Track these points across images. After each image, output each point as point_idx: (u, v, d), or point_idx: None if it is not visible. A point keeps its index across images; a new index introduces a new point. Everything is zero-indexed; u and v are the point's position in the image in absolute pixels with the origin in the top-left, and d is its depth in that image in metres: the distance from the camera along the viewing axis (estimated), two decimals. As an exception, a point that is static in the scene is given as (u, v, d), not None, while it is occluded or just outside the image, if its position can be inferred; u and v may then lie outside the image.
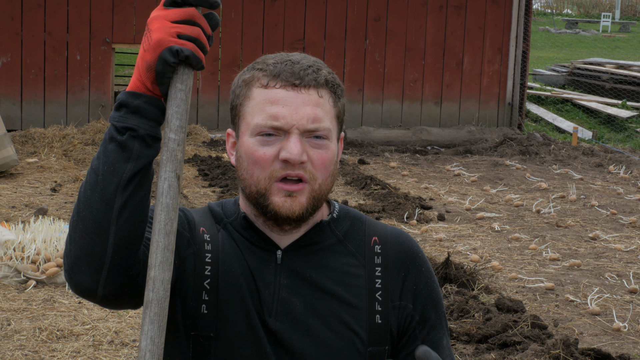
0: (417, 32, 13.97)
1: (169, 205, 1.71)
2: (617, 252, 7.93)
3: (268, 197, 1.84)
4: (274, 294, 1.88)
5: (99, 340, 5.45)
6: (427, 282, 1.98)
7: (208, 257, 1.90)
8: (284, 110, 1.82)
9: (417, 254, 1.99)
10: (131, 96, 1.74)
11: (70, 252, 1.75)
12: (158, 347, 1.70)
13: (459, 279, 6.58)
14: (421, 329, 1.95)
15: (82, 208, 1.73)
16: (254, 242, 1.92)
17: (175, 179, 1.72)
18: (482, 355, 5.36)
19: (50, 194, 9.36)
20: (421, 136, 13.74)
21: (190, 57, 1.70)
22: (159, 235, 1.70)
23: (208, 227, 1.94)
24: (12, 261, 6.37)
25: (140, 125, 1.72)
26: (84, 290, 1.76)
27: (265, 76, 1.85)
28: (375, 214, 8.80)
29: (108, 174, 1.71)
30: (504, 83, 14.34)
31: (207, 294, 1.88)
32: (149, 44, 1.71)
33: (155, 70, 1.71)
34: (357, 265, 1.93)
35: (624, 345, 5.75)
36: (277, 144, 1.83)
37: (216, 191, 9.70)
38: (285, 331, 1.87)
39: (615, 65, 18.61)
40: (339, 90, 1.90)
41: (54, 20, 12.73)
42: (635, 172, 11.76)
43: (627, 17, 42.07)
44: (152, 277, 1.70)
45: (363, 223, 1.99)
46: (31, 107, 12.77)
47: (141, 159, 1.72)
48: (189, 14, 1.71)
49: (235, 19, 13.33)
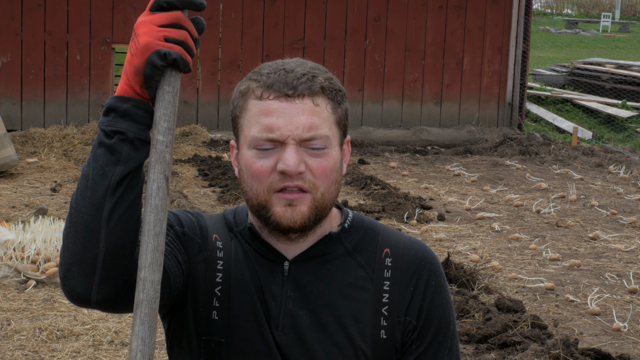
0: (417, 32, 13.97)
1: (158, 207, 1.71)
2: (617, 252, 7.93)
3: (269, 209, 1.83)
4: (281, 306, 1.88)
5: (99, 340, 5.45)
6: (434, 297, 1.93)
7: (220, 264, 1.90)
8: (279, 121, 1.81)
9: (430, 266, 1.94)
10: (119, 100, 1.74)
11: (64, 259, 1.74)
12: (149, 347, 1.70)
13: (459, 279, 6.58)
14: (418, 345, 1.91)
15: (73, 214, 1.73)
16: (261, 253, 1.91)
17: (164, 181, 1.72)
18: (482, 355, 5.36)
19: (50, 194, 9.36)
20: (421, 136, 13.74)
21: (178, 60, 1.70)
22: (148, 236, 1.71)
23: (221, 234, 1.93)
24: (12, 261, 6.37)
25: (129, 128, 1.72)
26: (78, 297, 1.75)
27: (259, 87, 1.84)
28: (375, 214, 8.80)
29: (97, 177, 1.71)
30: (504, 83, 14.34)
31: (218, 301, 1.88)
32: (136, 48, 1.71)
33: (144, 74, 1.71)
34: (365, 278, 1.91)
35: (624, 345, 5.75)
36: (274, 156, 1.82)
37: (216, 191, 9.70)
38: (290, 345, 1.87)
39: (615, 65, 18.61)
40: (339, 96, 1.87)
41: (54, 20, 12.73)
42: (635, 172, 11.76)
43: (627, 17, 42.07)
44: (142, 278, 1.70)
45: (377, 233, 1.96)
46: (31, 107, 12.77)
47: (130, 161, 1.72)
48: (176, 17, 1.71)
49: (235, 19, 13.33)
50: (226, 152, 11.94)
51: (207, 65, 13.38)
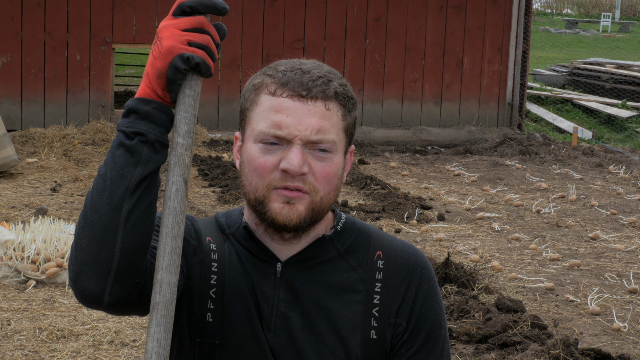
0: (417, 32, 13.97)
1: (177, 209, 1.72)
2: (617, 252, 7.93)
3: (267, 204, 1.83)
4: (273, 307, 1.88)
5: (99, 340, 5.45)
6: (425, 301, 1.93)
7: (214, 266, 1.90)
8: (288, 119, 1.81)
9: (422, 270, 1.95)
10: (141, 102, 1.74)
11: (77, 259, 1.74)
12: (164, 349, 1.71)
13: (459, 279, 6.58)
14: (408, 348, 1.92)
15: (88, 214, 1.72)
16: (254, 254, 1.91)
17: (183, 183, 1.73)
18: (482, 355, 5.36)
19: (50, 194, 9.36)
20: (421, 136, 13.74)
21: (201, 64, 1.71)
22: (166, 238, 1.71)
23: (214, 236, 1.94)
24: (12, 261, 6.37)
25: (150, 130, 1.73)
26: (90, 297, 1.74)
27: (273, 83, 1.84)
28: (375, 214, 8.81)
29: (116, 178, 1.71)
30: (504, 83, 14.34)
31: (213, 303, 1.89)
32: (159, 51, 1.72)
33: (167, 77, 1.72)
34: (357, 280, 1.92)
35: (624, 345, 5.75)
36: (278, 153, 1.82)
37: (216, 191, 9.70)
38: (281, 347, 1.87)
39: (615, 65, 18.61)
40: (350, 104, 1.87)
41: (54, 20, 12.73)
42: (635, 172, 11.76)
43: (627, 17, 42.07)
44: (159, 279, 1.71)
45: (369, 236, 1.96)
46: (31, 107, 12.77)
47: (150, 163, 1.73)
48: (199, 22, 1.72)
49: (235, 19, 13.33)
50: (226, 152, 11.94)
51: (207, 65, 13.36)
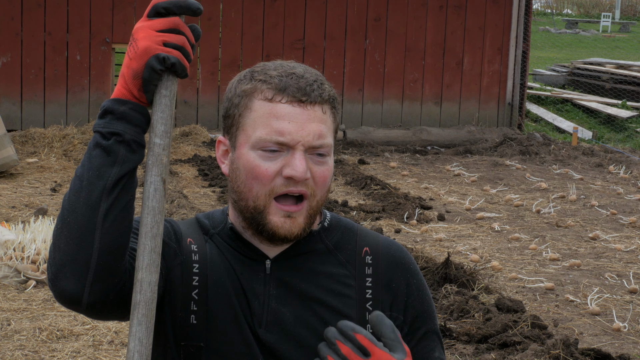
0: (417, 32, 13.97)
1: (155, 209, 1.73)
2: (617, 252, 7.93)
3: (266, 216, 1.83)
4: (264, 304, 1.88)
5: (99, 340, 5.45)
6: (418, 294, 1.96)
7: (195, 267, 1.90)
8: (290, 126, 1.81)
9: (409, 265, 1.97)
10: (117, 103, 1.75)
11: (55, 260, 1.74)
12: (146, 348, 1.71)
13: (459, 279, 6.58)
14: (409, 340, 1.93)
15: (66, 215, 1.73)
16: (242, 252, 1.91)
17: (161, 183, 1.74)
18: (482, 355, 5.36)
19: (50, 194, 9.36)
20: (421, 136, 13.75)
21: (177, 64, 1.72)
22: (145, 237, 1.72)
23: (195, 238, 1.93)
24: (12, 261, 6.37)
25: (126, 130, 1.74)
26: (69, 298, 1.74)
27: (269, 89, 1.83)
28: (375, 214, 8.81)
29: (93, 178, 1.72)
30: (504, 83, 14.34)
31: (196, 305, 1.88)
32: (135, 52, 1.72)
33: (143, 78, 1.72)
34: (347, 276, 1.92)
35: (624, 345, 5.75)
36: (280, 160, 1.82)
37: (216, 191, 9.70)
38: (276, 342, 1.87)
39: (615, 65, 18.61)
40: (337, 104, 1.89)
41: (54, 20, 12.74)
42: (635, 172, 11.77)
43: (627, 17, 42.08)
44: (140, 279, 1.71)
45: (355, 233, 1.97)
46: (31, 107, 12.78)
47: (126, 163, 1.73)
48: (174, 23, 1.73)
49: (235, 19, 13.33)
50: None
51: (207, 65, 13.38)
